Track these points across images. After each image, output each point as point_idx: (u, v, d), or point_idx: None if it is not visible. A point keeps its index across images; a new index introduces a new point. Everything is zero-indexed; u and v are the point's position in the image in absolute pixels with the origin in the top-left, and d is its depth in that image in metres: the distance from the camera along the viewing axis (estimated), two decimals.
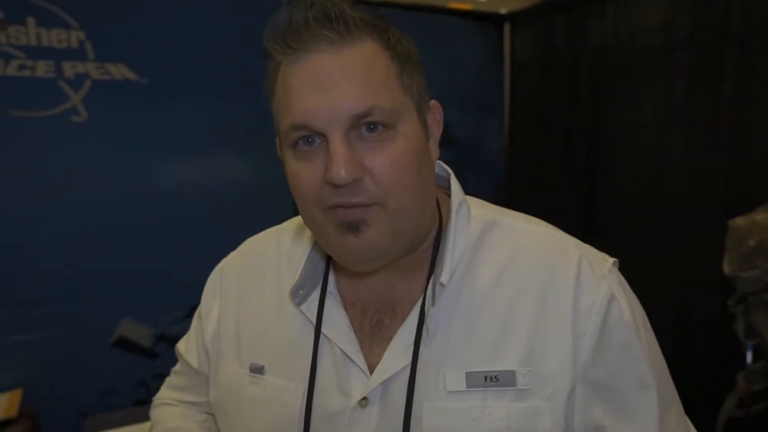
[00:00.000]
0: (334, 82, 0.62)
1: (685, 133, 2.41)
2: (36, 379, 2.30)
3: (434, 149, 0.72)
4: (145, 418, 1.77)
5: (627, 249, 2.49)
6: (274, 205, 2.81)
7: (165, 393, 0.98)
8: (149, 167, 2.49)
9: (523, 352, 0.67)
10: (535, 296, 0.69)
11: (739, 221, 1.34)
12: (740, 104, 2.18)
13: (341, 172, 0.60)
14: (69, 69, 2.30)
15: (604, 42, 2.73)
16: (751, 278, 1.43)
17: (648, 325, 0.74)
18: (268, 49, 0.67)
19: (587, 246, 0.75)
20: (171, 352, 2.93)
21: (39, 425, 2.18)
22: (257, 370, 0.77)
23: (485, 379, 0.66)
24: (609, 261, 0.73)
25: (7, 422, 2.06)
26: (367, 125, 0.62)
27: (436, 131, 0.73)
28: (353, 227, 0.64)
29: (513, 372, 0.66)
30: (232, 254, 0.92)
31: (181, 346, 0.94)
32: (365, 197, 0.63)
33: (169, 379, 0.98)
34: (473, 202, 0.78)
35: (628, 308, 0.70)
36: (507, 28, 3.27)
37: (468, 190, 0.79)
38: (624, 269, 0.75)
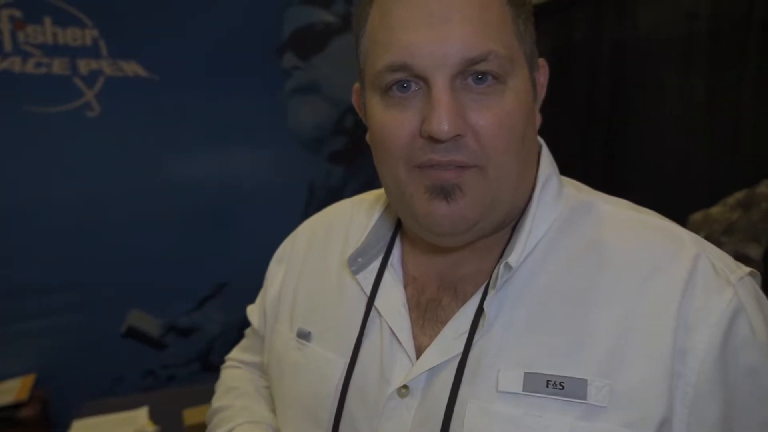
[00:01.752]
0: (448, 15, 0.53)
1: (706, 125, 2.30)
2: (50, 365, 2.39)
3: (538, 116, 0.63)
4: (137, 404, 1.82)
5: None
6: (285, 199, 2.85)
7: (233, 352, 0.97)
8: (159, 161, 2.55)
9: (602, 361, 0.53)
10: (627, 295, 0.56)
11: (696, 215, 1.24)
12: (763, 97, 2.06)
13: (443, 124, 0.52)
14: (83, 66, 2.37)
15: (624, 35, 2.64)
16: None
17: None
18: None
19: (716, 248, 0.60)
20: (180, 342, 2.99)
21: (49, 409, 2.27)
22: (304, 335, 0.72)
23: (547, 384, 0.54)
24: (744, 269, 0.57)
25: (18, 405, 2.15)
26: (476, 75, 0.54)
27: (540, 94, 0.64)
28: (446, 192, 0.56)
29: (584, 381, 0.53)
30: (309, 219, 0.88)
31: (250, 307, 0.92)
32: (465, 156, 0.55)
33: (242, 341, 0.97)
34: (568, 182, 0.68)
35: (763, 327, 0.55)
36: None
37: None
38: None
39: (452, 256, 0.66)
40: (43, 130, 2.33)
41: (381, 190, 0.77)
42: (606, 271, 0.58)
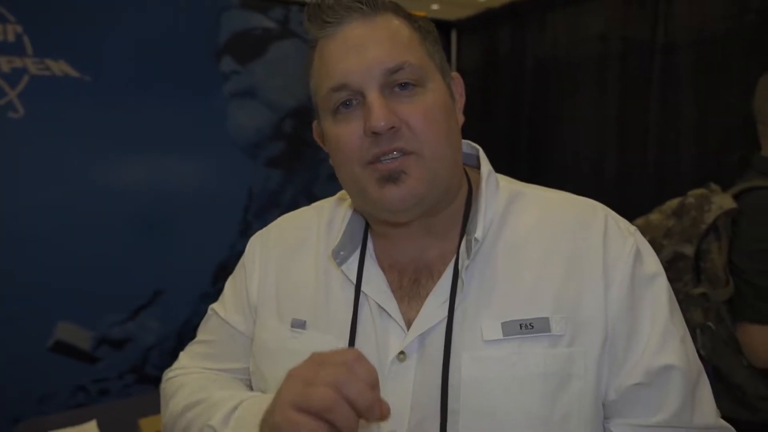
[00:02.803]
0: (367, 45, 0.70)
1: (617, 138, 2.56)
2: None
3: (459, 116, 0.79)
4: (80, 420, 1.74)
5: None
6: (223, 205, 2.80)
7: (185, 362, 0.92)
8: (90, 166, 2.43)
9: (557, 300, 0.70)
10: (566, 248, 0.73)
11: (637, 222, 1.44)
12: (666, 112, 2.33)
13: (380, 120, 0.67)
14: (5, 63, 2.22)
15: (545, 51, 2.86)
16: None
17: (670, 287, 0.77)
18: (306, 29, 0.74)
19: (612, 211, 0.80)
20: (113, 355, 2.83)
21: None
22: (299, 325, 0.80)
23: (520, 326, 0.69)
24: (632, 226, 0.78)
25: None
26: (399, 85, 0.70)
27: (460, 100, 0.80)
28: (393, 178, 0.69)
29: (547, 319, 0.69)
30: (269, 226, 0.95)
31: (221, 310, 0.91)
32: (404, 143, 0.69)
33: (191, 350, 0.94)
34: (500, 176, 0.84)
35: (656, 263, 0.75)
36: (454, 35, 3.36)
37: None
38: None
39: (416, 243, 0.79)
40: None
41: (336, 196, 0.90)
42: (547, 235, 0.75)
